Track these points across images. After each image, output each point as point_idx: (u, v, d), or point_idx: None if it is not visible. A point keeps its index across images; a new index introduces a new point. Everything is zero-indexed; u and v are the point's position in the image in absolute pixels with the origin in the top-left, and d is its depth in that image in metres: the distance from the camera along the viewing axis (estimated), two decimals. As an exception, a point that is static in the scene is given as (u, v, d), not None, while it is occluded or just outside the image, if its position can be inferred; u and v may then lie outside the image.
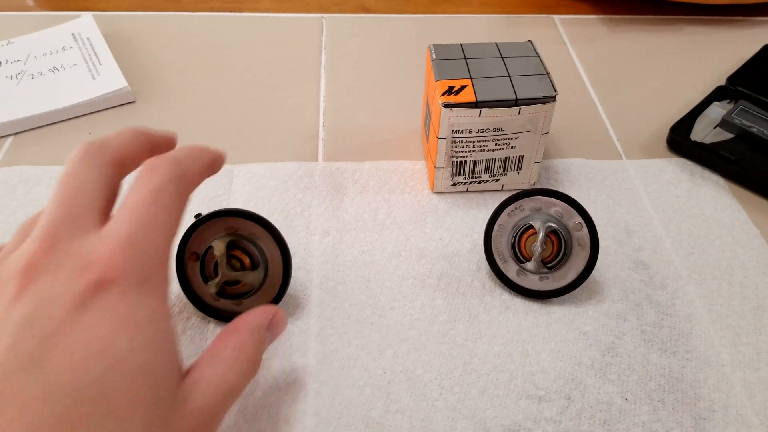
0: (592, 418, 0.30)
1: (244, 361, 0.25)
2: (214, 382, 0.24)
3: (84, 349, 0.20)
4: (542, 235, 0.33)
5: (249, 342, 0.26)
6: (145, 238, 0.22)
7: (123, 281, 0.21)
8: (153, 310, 0.22)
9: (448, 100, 0.36)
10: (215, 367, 0.24)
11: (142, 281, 0.22)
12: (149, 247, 0.22)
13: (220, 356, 0.25)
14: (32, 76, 0.47)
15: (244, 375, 0.25)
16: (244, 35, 0.55)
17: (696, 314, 0.35)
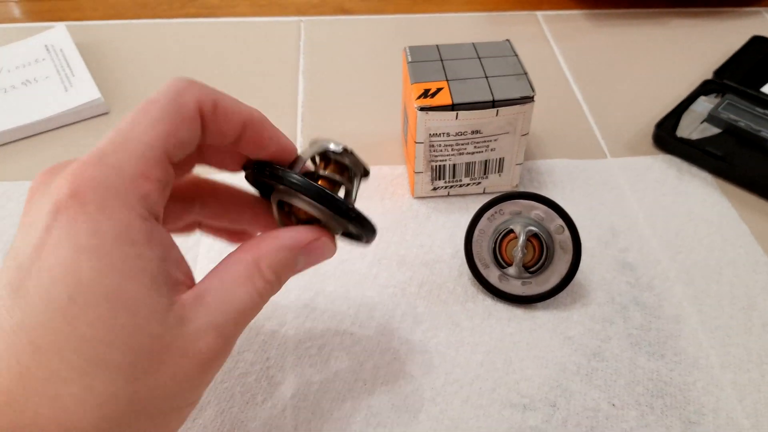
0: (579, 425, 0.30)
1: (260, 279, 0.23)
2: (220, 297, 0.21)
3: (49, 276, 0.19)
4: (523, 240, 0.32)
5: (268, 258, 0.23)
6: (116, 149, 0.20)
7: (83, 199, 0.19)
8: (121, 230, 0.19)
9: (424, 103, 0.35)
10: (224, 282, 0.22)
11: (108, 198, 0.19)
12: (119, 160, 0.20)
13: (230, 270, 0.22)
14: (5, 90, 0.46)
15: (258, 294, 0.22)
16: (220, 41, 0.54)
17: (684, 315, 0.34)
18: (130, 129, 0.21)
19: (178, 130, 0.21)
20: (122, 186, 0.20)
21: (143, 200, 0.20)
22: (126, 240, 0.20)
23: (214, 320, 0.21)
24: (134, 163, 0.20)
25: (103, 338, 0.19)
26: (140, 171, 0.20)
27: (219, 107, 0.23)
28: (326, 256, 0.25)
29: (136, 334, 0.19)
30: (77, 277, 0.19)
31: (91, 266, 0.19)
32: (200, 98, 0.22)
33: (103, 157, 0.20)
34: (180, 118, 0.21)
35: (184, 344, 0.20)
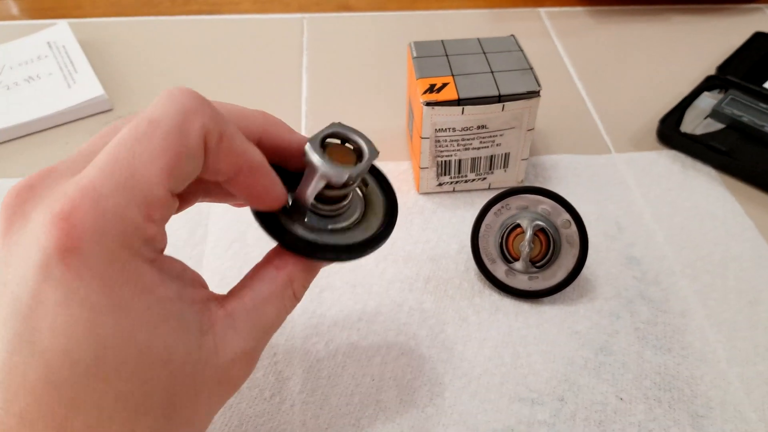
0: (587, 419, 0.30)
1: (290, 299, 0.22)
2: (252, 318, 0.21)
3: (66, 336, 0.17)
4: (530, 234, 0.32)
5: (301, 278, 0.23)
6: (115, 188, 0.18)
7: (87, 252, 0.17)
8: (135, 281, 0.18)
9: (430, 98, 0.35)
10: (255, 300, 0.21)
11: (115, 248, 0.18)
12: (120, 204, 0.18)
13: (265, 288, 0.22)
14: (7, 87, 0.46)
15: (285, 313, 0.22)
16: (223, 38, 0.54)
17: (690, 310, 0.34)
18: (130, 161, 0.18)
19: (183, 163, 0.19)
20: (127, 236, 0.18)
21: (149, 243, 0.19)
22: (142, 290, 0.18)
23: (246, 346, 0.21)
24: (137, 206, 0.18)
25: (140, 390, 0.19)
26: (144, 215, 0.18)
27: (224, 142, 0.20)
28: None
29: (174, 378, 0.19)
30: (101, 337, 0.18)
31: (114, 325, 0.18)
32: (208, 127, 0.20)
33: (100, 200, 0.18)
34: (185, 149, 0.19)
35: (217, 373, 0.20)
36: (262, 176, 0.21)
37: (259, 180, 0.21)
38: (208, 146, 0.20)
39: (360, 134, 0.24)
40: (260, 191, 0.22)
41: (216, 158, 0.20)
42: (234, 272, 0.35)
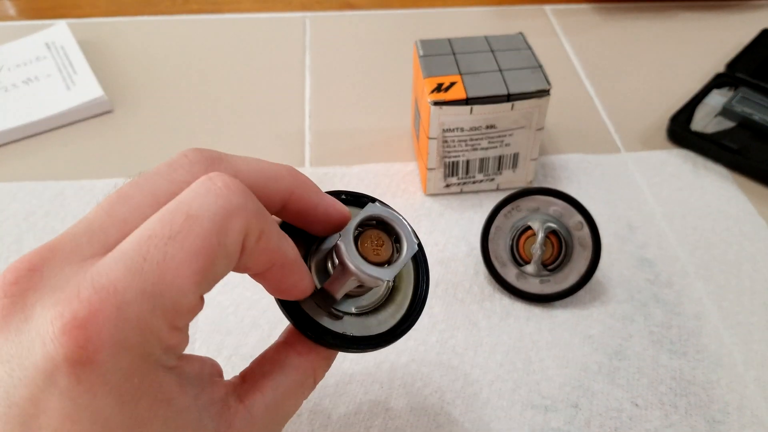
0: (602, 426, 0.29)
1: (310, 389, 0.21)
2: (273, 414, 0.20)
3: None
4: (541, 236, 0.32)
5: (323, 369, 0.22)
6: (140, 294, 0.16)
7: (104, 365, 0.15)
8: (154, 394, 0.17)
9: (438, 97, 0.34)
10: (277, 392, 0.20)
11: (135, 360, 0.16)
12: (144, 312, 0.16)
13: (289, 379, 0.20)
14: (6, 89, 0.45)
15: (305, 398, 0.21)
16: (225, 37, 0.53)
17: (705, 312, 0.33)
18: (160, 263, 0.16)
19: (217, 266, 0.17)
20: (148, 345, 0.16)
21: (170, 351, 0.17)
22: (160, 402, 0.17)
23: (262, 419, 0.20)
24: (163, 316, 0.16)
25: None
26: (170, 324, 0.16)
27: (262, 241, 0.18)
28: None
29: None
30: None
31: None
32: (249, 229, 0.17)
33: (121, 306, 0.15)
34: (221, 251, 0.17)
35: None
36: (293, 273, 0.20)
37: (289, 276, 0.20)
38: (246, 246, 0.18)
39: (399, 219, 0.21)
40: (288, 286, 0.20)
41: (251, 257, 0.18)
42: (237, 276, 0.34)
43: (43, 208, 0.39)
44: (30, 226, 0.38)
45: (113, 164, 0.42)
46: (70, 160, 0.42)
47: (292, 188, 0.20)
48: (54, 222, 0.38)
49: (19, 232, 0.37)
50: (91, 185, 0.40)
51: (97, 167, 0.41)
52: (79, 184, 0.40)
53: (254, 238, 0.18)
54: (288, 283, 0.20)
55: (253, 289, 0.34)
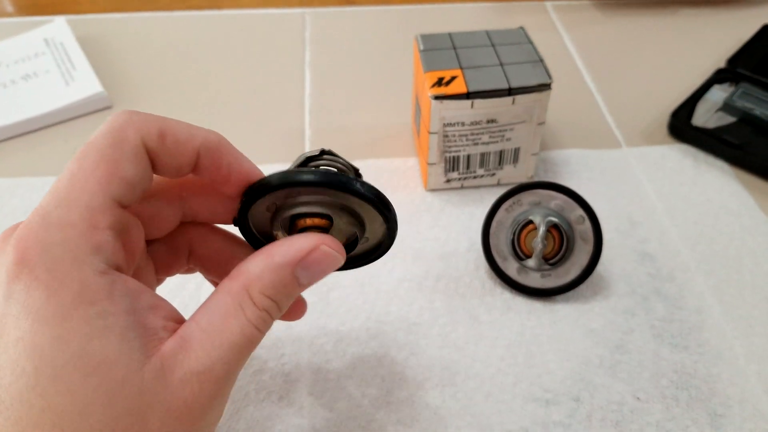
0: (604, 419, 0.29)
1: (251, 309, 0.20)
2: (208, 338, 0.20)
3: (14, 349, 0.18)
4: (543, 231, 0.32)
5: (260, 283, 0.21)
6: (58, 204, 0.19)
7: (32, 264, 0.18)
8: (78, 291, 0.18)
9: (438, 92, 0.34)
10: (212, 320, 0.20)
11: (58, 260, 0.18)
12: (63, 214, 0.19)
13: (217, 304, 0.20)
14: (4, 85, 0.45)
15: (252, 326, 0.20)
16: (224, 34, 0.53)
17: (706, 306, 0.33)
18: (70, 180, 0.19)
19: (121, 170, 0.20)
20: (70, 243, 0.18)
21: (97, 253, 0.19)
22: (83, 300, 0.18)
23: (199, 366, 0.19)
24: (79, 215, 0.19)
25: (77, 408, 0.18)
26: (87, 223, 0.19)
27: (167, 136, 0.20)
28: (331, 264, 0.22)
29: (111, 397, 0.18)
30: (40, 348, 0.18)
31: (51, 335, 0.18)
32: (142, 130, 0.20)
33: (46, 216, 0.19)
34: (121, 155, 0.20)
35: (167, 397, 0.19)
36: (226, 152, 0.22)
37: (225, 156, 0.22)
38: (150, 146, 0.20)
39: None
40: (228, 167, 0.22)
41: (166, 154, 0.21)
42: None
43: (43, 203, 0.39)
44: (30, 221, 0.37)
45: (113, 160, 0.42)
46: (70, 156, 0.42)
47: (206, 139, 0.22)
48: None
49: (19, 227, 0.37)
50: (90, 181, 0.40)
51: (96, 163, 0.41)
52: (78, 179, 0.40)
53: (155, 138, 0.20)
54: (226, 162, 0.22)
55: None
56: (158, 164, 0.21)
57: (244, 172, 0.22)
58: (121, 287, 0.19)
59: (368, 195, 0.22)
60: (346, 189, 0.22)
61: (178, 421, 0.19)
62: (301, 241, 0.21)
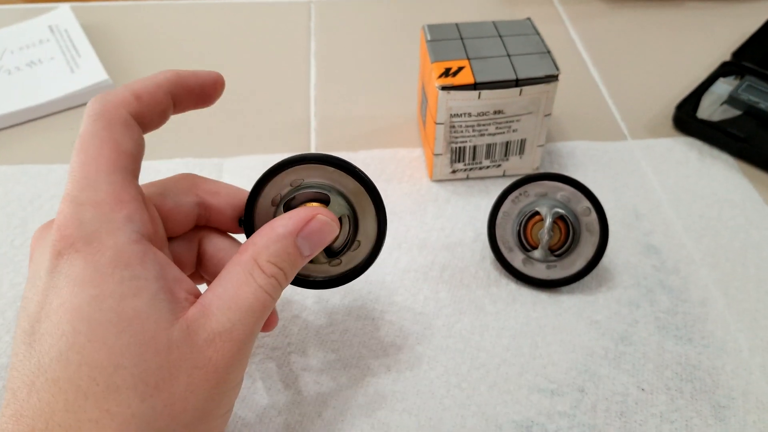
0: (608, 410, 0.29)
1: (261, 275, 0.22)
2: (225, 303, 0.21)
3: (56, 315, 0.20)
4: (549, 222, 0.32)
5: (266, 252, 0.23)
6: (82, 188, 0.21)
7: (72, 240, 0.20)
8: (113, 257, 0.20)
9: (445, 82, 0.34)
10: (227, 288, 0.22)
11: (92, 233, 0.20)
12: (89, 196, 0.21)
13: (230, 274, 0.22)
14: (9, 72, 0.45)
15: (263, 291, 0.22)
16: (230, 23, 0.53)
17: (711, 299, 0.33)
18: (83, 166, 0.21)
19: (124, 144, 0.22)
20: (102, 218, 0.20)
21: (128, 223, 0.21)
22: (118, 264, 0.20)
23: (221, 326, 0.21)
24: (104, 193, 0.21)
25: (111, 361, 0.19)
26: (113, 198, 0.21)
27: (140, 96, 0.23)
28: (328, 232, 0.24)
29: (143, 352, 0.20)
30: (78, 308, 0.20)
31: (89, 294, 0.20)
32: (121, 102, 0.22)
33: (75, 199, 0.21)
34: (120, 132, 0.22)
35: (194, 356, 0.21)
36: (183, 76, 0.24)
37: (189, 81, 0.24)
38: (134, 111, 0.22)
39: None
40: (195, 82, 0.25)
41: (148, 110, 0.23)
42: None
43: (49, 191, 0.38)
44: (35, 209, 0.37)
45: (118, 148, 0.42)
46: (75, 144, 0.42)
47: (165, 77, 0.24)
48: (59, 205, 0.38)
49: (25, 215, 0.37)
50: (96, 169, 0.40)
51: (101, 151, 0.41)
52: (84, 167, 0.40)
53: (134, 103, 0.22)
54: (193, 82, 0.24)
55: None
56: (146, 122, 0.23)
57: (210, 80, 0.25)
58: (152, 255, 0.21)
59: (361, 174, 0.25)
60: (341, 166, 0.25)
61: (204, 378, 0.21)
62: (299, 212, 0.24)
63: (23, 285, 0.33)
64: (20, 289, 0.33)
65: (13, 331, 0.31)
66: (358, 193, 0.26)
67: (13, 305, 0.33)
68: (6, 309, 0.32)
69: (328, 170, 0.26)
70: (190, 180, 0.26)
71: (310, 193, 0.26)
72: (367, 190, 0.26)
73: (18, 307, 0.31)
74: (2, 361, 0.30)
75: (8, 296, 0.33)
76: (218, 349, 0.21)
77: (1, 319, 0.32)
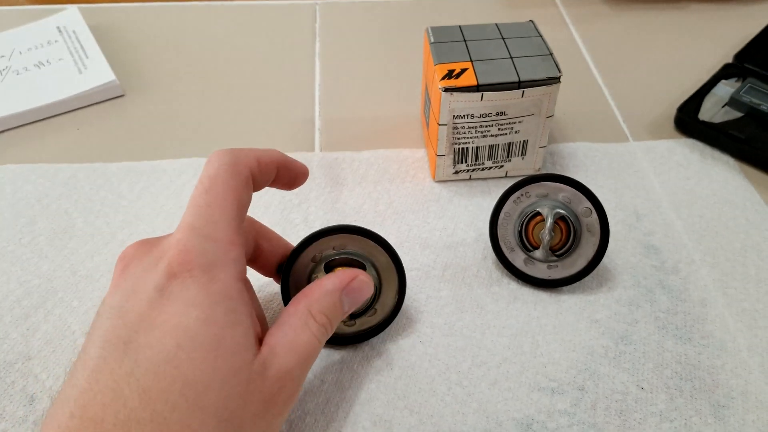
0: (608, 408, 0.29)
1: (314, 324, 0.25)
2: (287, 346, 0.24)
3: (160, 330, 0.21)
4: (550, 222, 0.32)
5: (318, 304, 0.26)
6: (206, 223, 0.24)
7: (191, 266, 0.22)
8: (222, 289, 0.23)
9: (449, 84, 0.34)
10: (287, 333, 0.25)
11: (210, 264, 0.23)
12: (211, 232, 0.24)
13: (289, 321, 0.25)
14: (17, 72, 0.46)
15: (315, 337, 0.25)
16: (236, 24, 0.53)
17: (710, 299, 0.34)
18: (209, 205, 0.24)
19: (243, 196, 0.25)
20: (219, 253, 0.23)
21: (235, 263, 0.24)
22: (226, 296, 0.23)
23: (286, 366, 0.24)
24: (223, 233, 0.24)
25: (203, 380, 0.21)
26: (229, 239, 0.24)
27: (261, 162, 0.26)
28: (366, 292, 0.28)
29: (230, 378, 0.22)
30: (186, 326, 0.22)
31: (197, 317, 0.22)
32: (248, 162, 0.26)
33: (196, 231, 0.23)
34: (242, 185, 0.25)
35: (265, 389, 0.23)
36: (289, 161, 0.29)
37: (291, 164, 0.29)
38: (254, 173, 0.26)
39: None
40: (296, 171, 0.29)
41: (261, 175, 0.27)
42: (249, 259, 0.35)
43: (56, 190, 0.39)
44: (43, 208, 0.38)
45: (125, 147, 0.42)
46: (83, 144, 0.42)
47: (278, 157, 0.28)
48: (67, 204, 0.38)
49: (33, 214, 0.38)
50: (103, 168, 0.40)
51: (109, 150, 0.42)
52: (91, 167, 0.40)
53: (256, 165, 0.26)
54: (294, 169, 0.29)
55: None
56: (256, 184, 0.27)
57: (302, 170, 0.29)
58: (247, 295, 0.24)
59: (395, 252, 0.30)
60: (378, 241, 0.30)
61: (268, 410, 0.23)
62: (345, 272, 0.28)
63: (32, 282, 0.34)
64: (29, 287, 0.34)
65: (22, 327, 0.32)
66: (387, 268, 0.31)
67: (20, 302, 0.33)
68: (14, 306, 0.33)
69: (368, 243, 0.30)
70: (250, 222, 0.29)
71: (349, 258, 0.30)
72: (397, 268, 0.31)
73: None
74: (8, 358, 0.31)
75: (17, 293, 0.34)
76: (283, 386, 0.24)
77: (10, 316, 0.33)
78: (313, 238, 0.29)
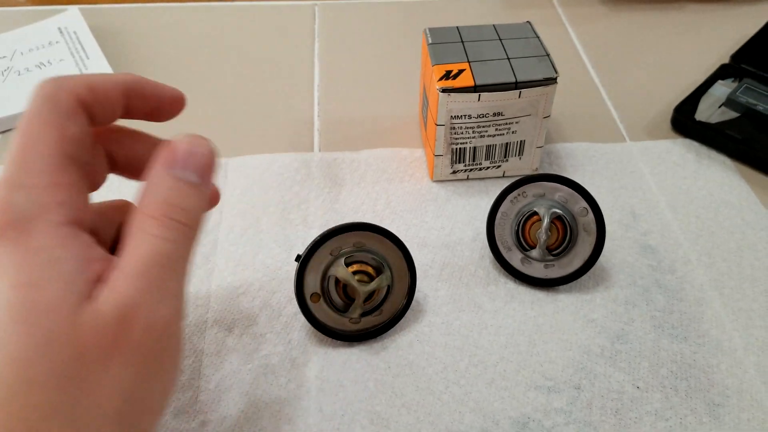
0: (604, 407, 0.30)
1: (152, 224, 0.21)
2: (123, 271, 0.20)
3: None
4: (547, 222, 0.32)
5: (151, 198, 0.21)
6: (17, 170, 0.20)
7: (4, 223, 0.20)
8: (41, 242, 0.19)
9: (446, 84, 0.34)
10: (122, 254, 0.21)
11: (24, 217, 0.20)
12: (25, 179, 0.20)
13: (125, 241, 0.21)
14: (18, 73, 0.46)
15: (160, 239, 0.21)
16: (235, 25, 0.53)
17: (706, 298, 0.34)
18: (22, 148, 0.20)
19: (66, 129, 0.21)
20: (36, 200, 0.20)
21: (61, 206, 0.20)
22: (44, 248, 0.20)
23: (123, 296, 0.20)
24: (40, 176, 0.20)
25: (25, 356, 0.18)
26: (50, 181, 0.20)
27: (94, 88, 0.22)
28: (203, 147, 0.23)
29: (53, 338, 0.19)
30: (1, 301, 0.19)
31: (7, 285, 0.19)
32: (73, 89, 0.22)
33: (7, 182, 0.20)
34: (61, 116, 0.21)
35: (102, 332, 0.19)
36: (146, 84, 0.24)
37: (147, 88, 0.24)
38: (84, 100, 0.22)
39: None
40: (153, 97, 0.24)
41: (99, 104, 0.22)
42: (248, 258, 0.35)
43: (57, 190, 0.39)
44: (44, 207, 0.38)
45: (125, 148, 0.42)
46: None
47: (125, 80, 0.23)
48: None
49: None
50: (103, 168, 0.41)
51: (109, 151, 0.42)
52: (91, 166, 0.41)
53: (85, 91, 0.22)
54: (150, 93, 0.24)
55: (263, 270, 0.35)
56: (94, 115, 0.22)
57: (168, 95, 0.25)
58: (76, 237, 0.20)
59: (410, 255, 0.31)
60: (398, 244, 0.31)
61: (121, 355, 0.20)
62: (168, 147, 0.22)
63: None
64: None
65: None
66: (400, 271, 0.31)
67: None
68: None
69: (387, 244, 0.31)
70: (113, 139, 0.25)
71: (368, 256, 0.31)
72: (410, 272, 0.31)
73: None
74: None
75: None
76: (128, 319, 0.20)
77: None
78: (334, 233, 0.30)
